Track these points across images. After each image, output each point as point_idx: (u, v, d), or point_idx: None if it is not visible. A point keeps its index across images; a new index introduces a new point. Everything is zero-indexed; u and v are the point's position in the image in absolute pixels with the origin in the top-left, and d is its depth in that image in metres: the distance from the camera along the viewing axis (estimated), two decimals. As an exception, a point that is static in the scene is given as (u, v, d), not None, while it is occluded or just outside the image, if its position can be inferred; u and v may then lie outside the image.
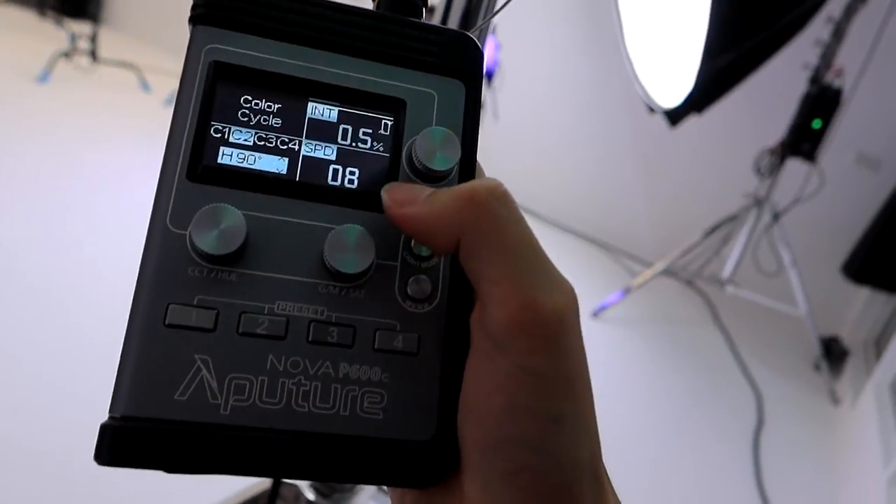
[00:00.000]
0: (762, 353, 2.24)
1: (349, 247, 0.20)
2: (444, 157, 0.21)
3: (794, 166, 2.14)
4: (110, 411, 0.19)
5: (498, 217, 0.19)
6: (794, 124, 2.06)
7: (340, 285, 0.21)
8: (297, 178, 0.21)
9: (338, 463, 0.20)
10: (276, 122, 0.22)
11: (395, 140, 0.22)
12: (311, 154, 0.22)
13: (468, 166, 0.23)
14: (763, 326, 2.44)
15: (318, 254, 0.21)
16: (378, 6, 0.24)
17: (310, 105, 0.22)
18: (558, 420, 0.18)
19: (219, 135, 0.21)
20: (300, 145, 0.22)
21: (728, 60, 1.63)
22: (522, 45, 2.99)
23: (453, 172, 0.22)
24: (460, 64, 0.23)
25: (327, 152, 0.22)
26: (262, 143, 0.21)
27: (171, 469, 0.19)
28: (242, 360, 0.20)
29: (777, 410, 1.88)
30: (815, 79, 2.00)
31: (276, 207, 0.21)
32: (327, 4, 0.22)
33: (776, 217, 2.14)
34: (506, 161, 3.31)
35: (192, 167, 0.21)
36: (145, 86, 3.49)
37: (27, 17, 4.65)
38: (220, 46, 0.22)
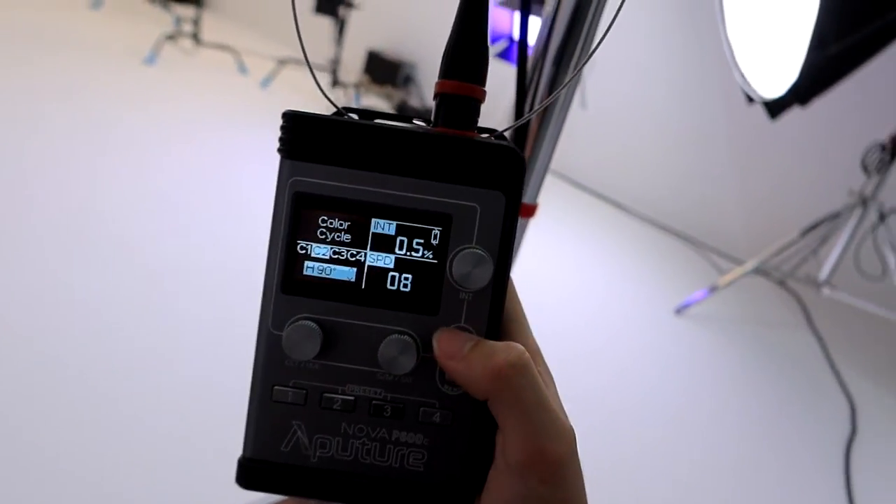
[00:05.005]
0: (858, 361, 2.11)
1: (395, 355, 0.26)
2: (477, 279, 0.26)
3: (907, 164, 2.00)
4: (243, 452, 0.28)
5: (517, 387, 0.25)
6: (908, 119, 1.92)
7: (393, 373, 0.27)
8: (363, 286, 0.27)
9: (388, 499, 0.28)
10: (346, 237, 0.27)
11: (443, 249, 0.27)
12: (374, 264, 0.27)
13: (502, 273, 0.27)
14: (861, 333, 2.30)
15: (377, 349, 0.27)
16: (436, 120, 0.28)
17: (373, 221, 0.27)
18: None
19: (303, 251, 0.27)
20: (365, 257, 0.27)
21: (839, 49, 1.53)
22: (614, 29, 2.91)
23: (487, 284, 0.27)
24: (501, 176, 0.27)
25: (387, 261, 0.27)
26: (336, 255, 0.27)
27: (277, 492, 0.28)
28: (324, 426, 0.28)
29: (873, 423, 1.77)
30: (937, 70, 1.86)
31: (347, 312, 0.27)
32: (386, 131, 0.26)
33: (883, 217, 2.01)
34: (593, 150, 3.25)
35: (284, 283, 0.27)
36: (243, 68, 3.62)
37: (137, 2, 4.91)
38: (301, 178, 0.27)
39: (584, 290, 2.18)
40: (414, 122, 0.28)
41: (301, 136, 0.27)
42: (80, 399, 1.15)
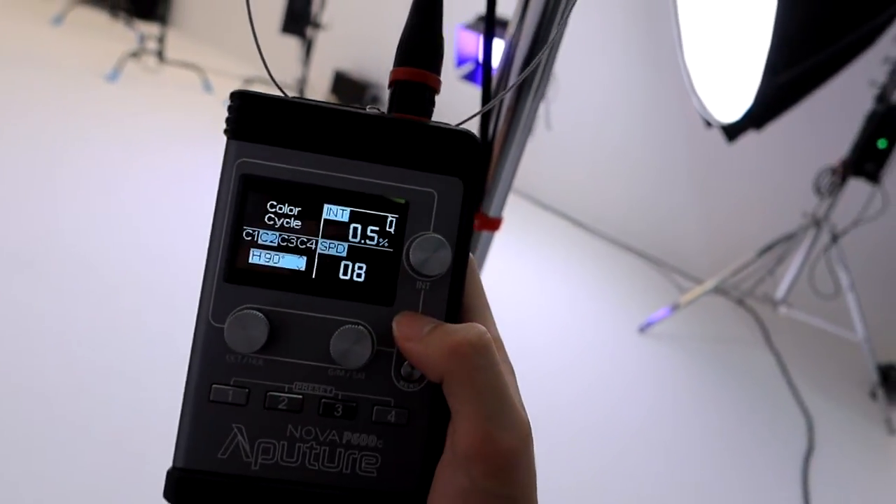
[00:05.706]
0: (815, 378, 2.17)
1: (349, 346, 0.24)
2: (436, 265, 0.25)
3: (857, 186, 2.08)
4: (173, 462, 0.25)
5: (474, 367, 0.23)
6: (857, 143, 2.00)
7: (346, 369, 0.25)
8: (314, 275, 0.25)
9: None
10: (296, 224, 0.25)
11: (398, 237, 0.25)
12: (326, 252, 0.25)
13: (461, 261, 0.26)
14: (816, 350, 2.37)
15: (328, 342, 0.25)
16: (390, 108, 0.27)
17: (325, 207, 0.25)
18: None
19: (249, 238, 0.25)
20: (316, 244, 0.25)
21: (790, 77, 1.60)
22: (578, 55, 2.98)
23: (446, 272, 0.25)
24: (458, 162, 0.25)
25: (339, 250, 0.25)
26: (285, 243, 0.25)
27: None
28: (268, 428, 0.25)
29: (829, 437, 1.82)
30: (883, 97, 1.94)
31: (296, 302, 0.25)
32: (340, 113, 0.25)
33: (835, 238, 2.08)
34: (557, 171, 3.30)
35: (228, 271, 0.25)
36: (208, 86, 3.60)
37: (100, 19, 4.86)
38: (248, 160, 0.25)
39: (548, 309, 2.21)
40: (368, 108, 0.26)
41: (250, 115, 0.25)
42: (43, 421, 1.12)
